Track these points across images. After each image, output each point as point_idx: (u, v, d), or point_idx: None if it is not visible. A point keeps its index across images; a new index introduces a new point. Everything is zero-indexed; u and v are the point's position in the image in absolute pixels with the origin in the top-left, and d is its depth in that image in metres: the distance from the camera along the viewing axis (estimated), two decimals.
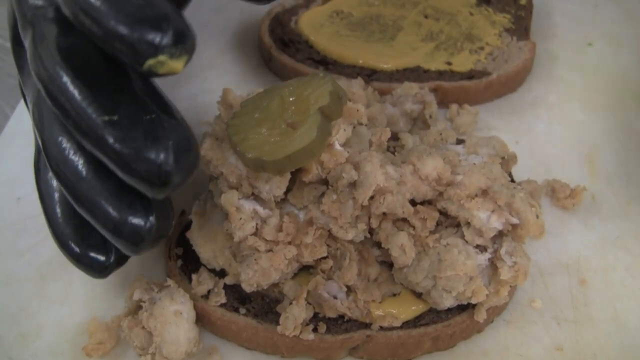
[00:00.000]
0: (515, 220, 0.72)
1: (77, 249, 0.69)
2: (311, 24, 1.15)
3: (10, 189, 0.93)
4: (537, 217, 0.73)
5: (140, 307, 0.74)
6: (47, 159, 0.65)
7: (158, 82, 0.63)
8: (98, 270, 0.69)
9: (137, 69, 0.54)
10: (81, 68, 0.58)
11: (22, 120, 1.02)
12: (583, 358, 0.75)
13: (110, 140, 0.56)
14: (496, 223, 0.72)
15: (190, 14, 0.89)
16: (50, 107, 0.63)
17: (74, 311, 0.80)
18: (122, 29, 0.52)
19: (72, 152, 0.63)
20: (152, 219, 0.62)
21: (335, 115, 0.72)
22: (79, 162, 0.63)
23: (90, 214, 0.63)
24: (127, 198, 0.62)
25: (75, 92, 0.57)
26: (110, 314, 0.78)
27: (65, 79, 0.58)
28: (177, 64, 0.53)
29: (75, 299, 0.81)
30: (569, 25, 1.22)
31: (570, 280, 0.82)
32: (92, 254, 0.69)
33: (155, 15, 0.53)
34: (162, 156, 0.56)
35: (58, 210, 0.70)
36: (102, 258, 0.69)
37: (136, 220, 0.61)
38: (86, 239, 0.69)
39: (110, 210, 0.61)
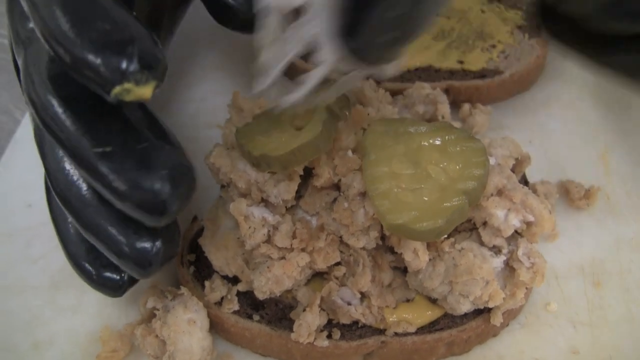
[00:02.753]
0: (531, 218, 0.72)
1: (91, 269, 0.69)
2: None
3: (21, 195, 0.92)
4: (550, 212, 0.73)
5: (154, 315, 0.74)
6: (51, 184, 0.65)
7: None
8: (113, 289, 0.70)
9: (106, 98, 0.53)
10: (72, 96, 0.58)
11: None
12: None
13: (105, 171, 0.56)
14: (514, 220, 0.72)
15: (199, 14, 0.89)
16: None
17: (86, 319, 0.80)
18: (88, 55, 0.52)
19: (75, 178, 0.63)
20: (158, 243, 0.62)
21: (342, 113, 0.71)
22: (84, 188, 0.63)
23: (97, 239, 0.63)
24: (133, 223, 0.62)
25: (68, 123, 0.58)
26: (123, 322, 0.78)
27: (57, 108, 0.58)
28: (144, 91, 0.53)
29: (88, 307, 0.81)
30: None
31: (585, 283, 0.81)
32: (106, 274, 0.69)
33: (121, 40, 0.53)
34: (157, 185, 0.56)
35: (71, 231, 0.70)
36: (116, 277, 0.69)
37: (143, 245, 0.62)
38: (99, 259, 0.69)
39: (117, 235, 0.62)
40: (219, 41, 1.16)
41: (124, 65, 0.52)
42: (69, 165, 0.64)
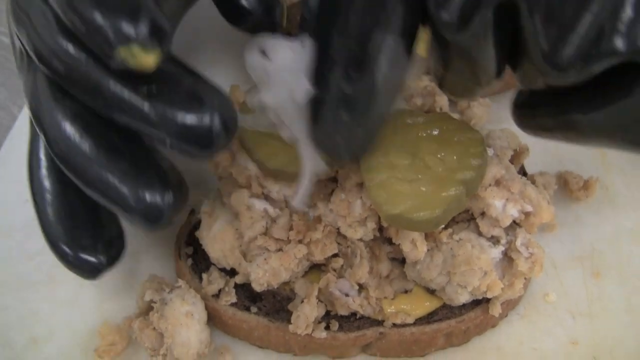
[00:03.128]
0: (529, 208, 0.72)
1: (68, 250, 0.69)
2: None
3: (18, 191, 0.92)
4: (548, 202, 0.73)
5: (152, 308, 0.74)
6: (50, 147, 0.65)
7: None
8: (88, 272, 0.70)
9: (109, 63, 0.54)
10: None
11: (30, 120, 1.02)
12: (599, 352, 0.75)
13: (154, 112, 0.57)
14: (512, 211, 0.71)
15: (195, 7, 0.89)
16: (49, 93, 0.63)
17: (84, 314, 0.80)
18: (98, 17, 0.52)
19: (78, 136, 0.63)
20: (169, 194, 0.62)
21: None
22: (88, 145, 0.62)
23: (104, 196, 0.63)
24: (143, 176, 0.62)
25: (102, 74, 0.58)
26: (121, 316, 0.77)
27: (88, 61, 0.58)
28: (148, 58, 0.53)
29: (85, 302, 0.81)
30: None
31: (584, 273, 0.81)
32: (83, 256, 0.69)
33: (133, 5, 0.53)
34: (209, 118, 0.57)
35: (49, 211, 0.70)
36: (93, 259, 0.69)
37: (153, 197, 0.62)
38: (77, 240, 0.69)
39: (126, 189, 0.61)
40: (216, 34, 1.16)
41: (132, 28, 0.52)
42: (71, 124, 0.63)
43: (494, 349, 0.76)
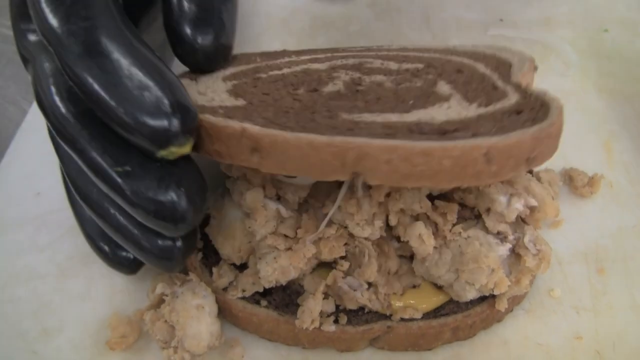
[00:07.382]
0: (533, 202, 0.72)
1: (107, 249, 0.74)
2: None
3: (29, 184, 0.93)
4: (553, 198, 0.74)
5: (163, 301, 0.74)
6: (72, 187, 0.69)
7: None
8: (127, 267, 0.74)
9: (151, 156, 0.59)
10: (87, 112, 0.61)
11: (40, 114, 1.02)
12: (602, 347, 0.75)
13: (127, 191, 0.59)
14: (517, 204, 0.72)
15: None
16: None
17: (95, 306, 0.80)
18: (129, 120, 0.57)
19: (96, 186, 0.66)
20: (179, 242, 0.66)
21: None
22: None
23: (123, 238, 0.67)
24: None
25: (85, 140, 0.61)
26: (132, 309, 0.78)
27: (74, 125, 0.61)
28: (185, 149, 0.59)
29: (96, 294, 0.81)
30: (584, 12, 1.21)
31: (588, 269, 0.82)
32: (121, 253, 0.74)
33: (160, 104, 0.57)
34: (175, 201, 0.59)
35: (88, 213, 0.72)
36: (130, 256, 0.73)
37: (165, 243, 0.66)
38: (114, 240, 0.71)
39: (140, 236, 0.66)
40: None
41: (168, 133, 0.57)
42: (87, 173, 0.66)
43: (500, 344, 0.76)
